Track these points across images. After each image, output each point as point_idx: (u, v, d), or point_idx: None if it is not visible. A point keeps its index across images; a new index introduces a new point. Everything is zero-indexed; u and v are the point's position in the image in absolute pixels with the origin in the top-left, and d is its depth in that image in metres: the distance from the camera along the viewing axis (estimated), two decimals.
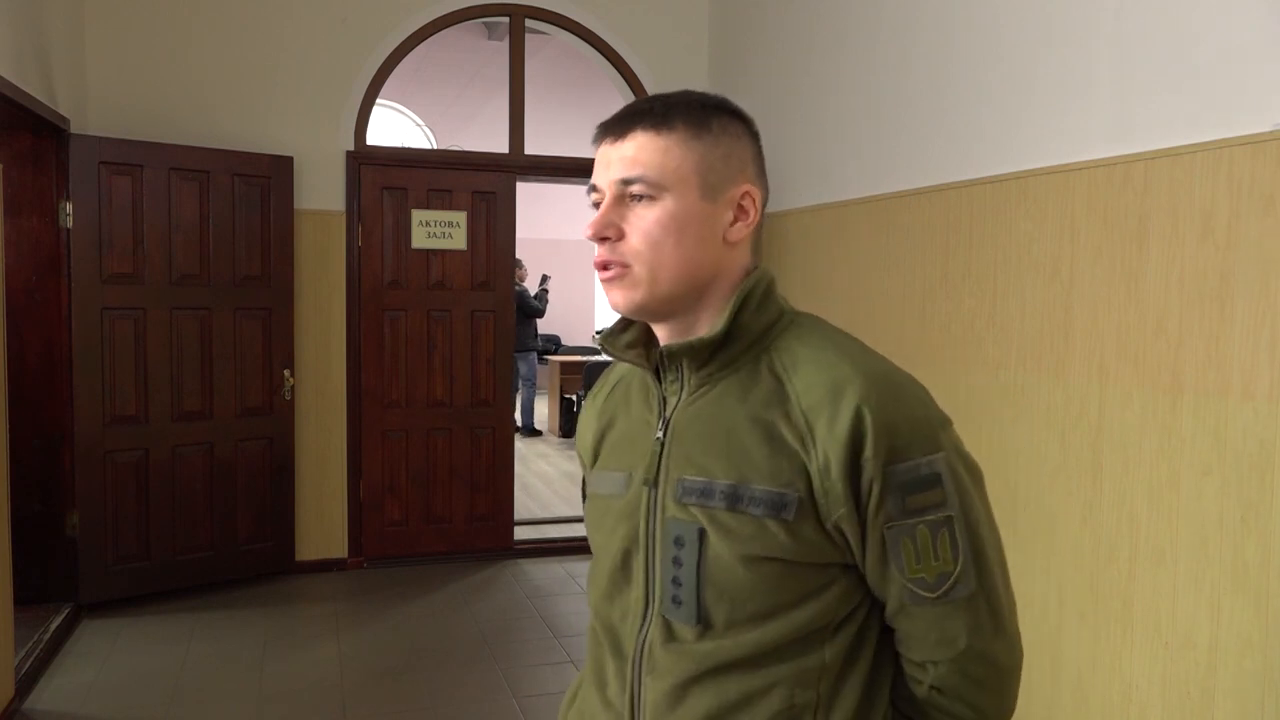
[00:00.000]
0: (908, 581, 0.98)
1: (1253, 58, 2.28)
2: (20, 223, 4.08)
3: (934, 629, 0.99)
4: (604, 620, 1.11)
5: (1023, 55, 3.03)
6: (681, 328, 1.07)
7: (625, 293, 1.03)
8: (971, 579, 0.98)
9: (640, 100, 1.07)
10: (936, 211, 3.42)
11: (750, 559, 0.99)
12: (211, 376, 4.55)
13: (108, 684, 3.55)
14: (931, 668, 1.00)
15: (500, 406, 5.25)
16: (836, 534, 0.99)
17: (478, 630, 4.17)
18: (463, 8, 4.98)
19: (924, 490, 0.97)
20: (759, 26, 4.81)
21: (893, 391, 0.99)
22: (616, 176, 1.03)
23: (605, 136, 1.06)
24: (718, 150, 1.04)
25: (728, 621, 1.00)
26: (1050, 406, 2.89)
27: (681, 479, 1.03)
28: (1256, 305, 2.26)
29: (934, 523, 0.97)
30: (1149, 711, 2.56)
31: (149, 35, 4.53)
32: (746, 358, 1.04)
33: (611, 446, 1.14)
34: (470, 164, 5.23)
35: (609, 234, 1.03)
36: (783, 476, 0.98)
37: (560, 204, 12.54)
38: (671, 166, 1.02)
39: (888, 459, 0.96)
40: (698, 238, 1.03)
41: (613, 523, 1.10)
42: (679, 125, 1.03)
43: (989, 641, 1.00)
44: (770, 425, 1.00)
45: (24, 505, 3.98)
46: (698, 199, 1.03)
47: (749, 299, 1.04)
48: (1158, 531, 2.53)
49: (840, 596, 1.01)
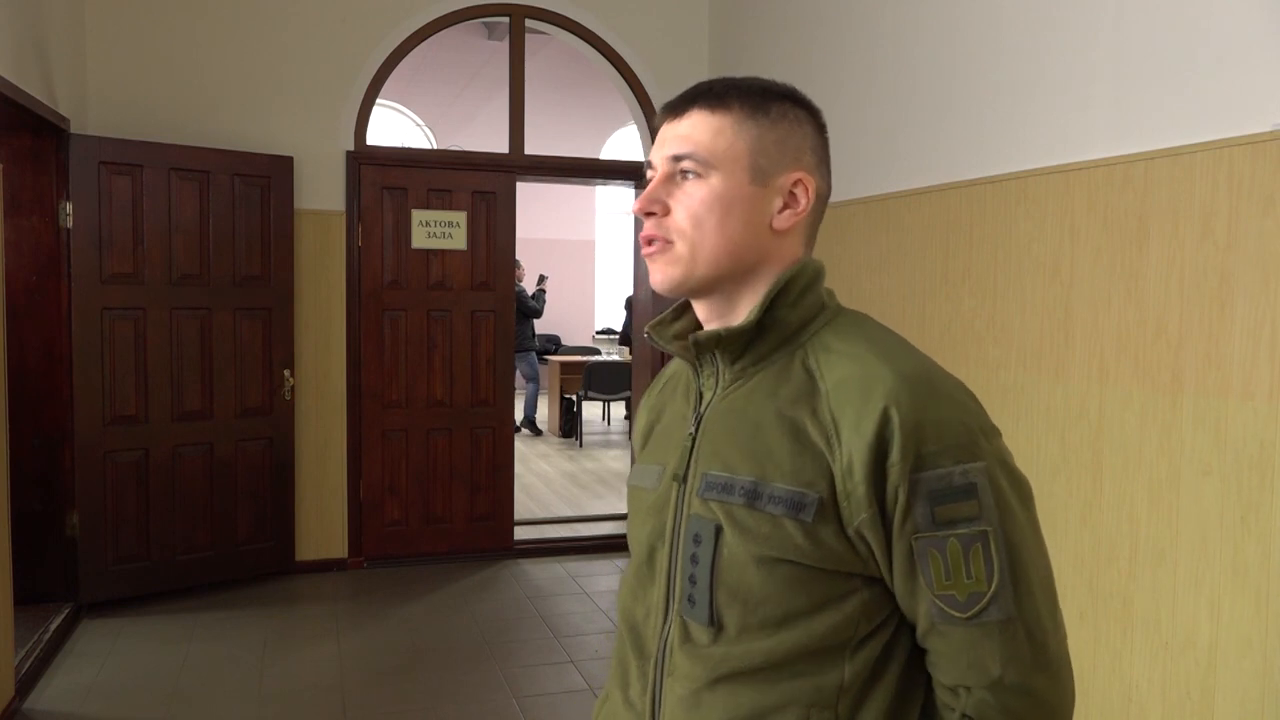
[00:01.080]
0: (936, 598, 0.91)
1: (1253, 58, 2.28)
2: (20, 223, 4.08)
3: (965, 652, 0.91)
4: (629, 619, 1.09)
5: (1023, 55, 3.03)
6: (719, 310, 1.05)
7: (664, 268, 1.02)
8: (1008, 602, 0.90)
9: (701, 82, 1.06)
10: (936, 211, 3.42)
11: (765, 560, 0.94)
12: (211, 376, 4.55)
13: (108, 684, 3.55)
14: (964, 693, 0.93)
15: (500, 406, 5.25)
16: (859, 541, 0.93)
17: (478, 630, 4.17)
18: (463, 8, 4.98)
19: (956, 501, 0.90)
20: (759, 27, 4.81)
21: (928, 393, 0.93)
22: (669, 153, 1.02)
23: (665, 115, 1.05)
24: (772, 135, 1.02)
25: (740, 625, 0.96)
26: (1050, 406, 2.89)
27: (706, 474, 1.00)
28: (1256, 305, 2.26)
29: (966, 537, 0.90)
30: (1149, 712, 2.56)
31: (149, 35, 4.53)
32: (782, 353, 1.01)
33: (655, 440, 1.13)
34: (470, 164, 5.23)
35: (654, 209, 1.02)
36: (804, 475, 0.94)
37: (560, 204, 12.54)
38: (723, 146, 1.00)
39: (916, 465, 0.90)
40: (742, 220, 1.01)
41: (643, 517, 1.08)
42: (735, 106, 1.01)
43: (1028, 674, 0.91)
44: (796, 422, 0.96)
45: (24, 505, 3.98)
46: (746, 181, 1.01)
47: (786, 291, 1.01)
48: (1158, 531, 2.53)
49: (861, 610, 0.95)
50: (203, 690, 3.53)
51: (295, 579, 4.79)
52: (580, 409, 9.01)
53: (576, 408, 9.07)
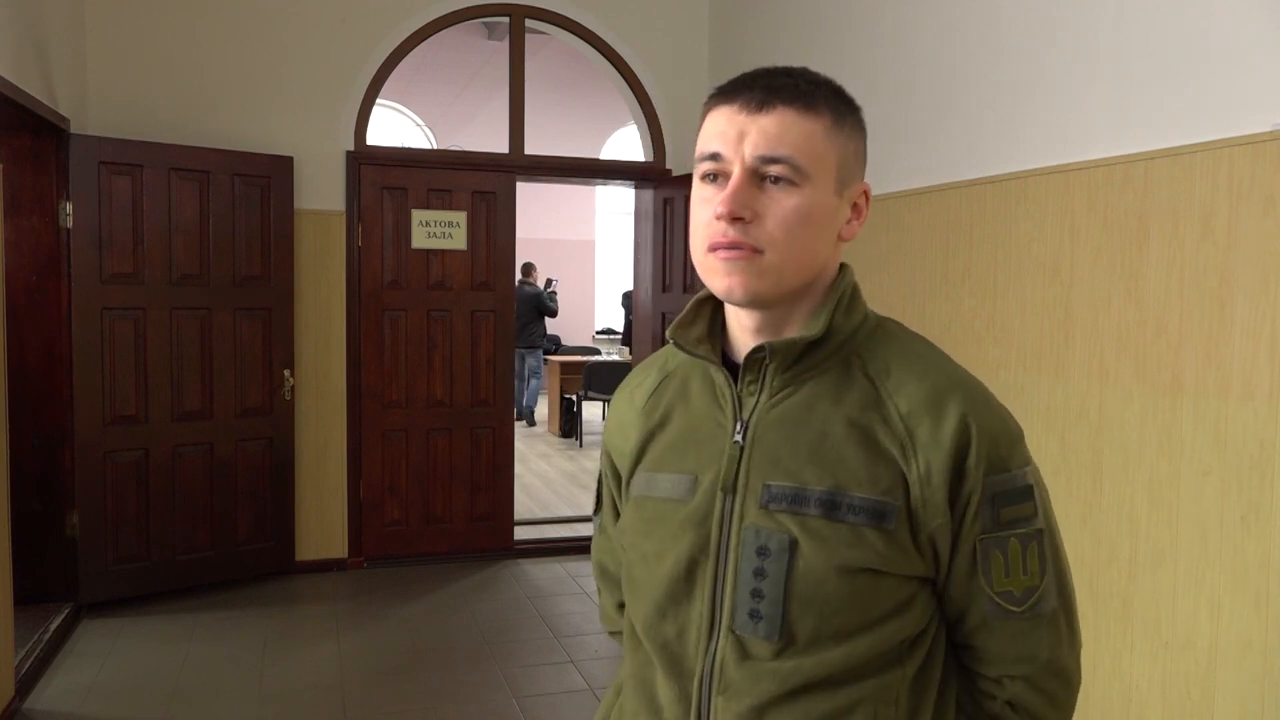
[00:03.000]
0: (994, 594, 0.96)
1: (1253, 58, 2.28)
2: (20, 223, 4.08)
3: (1015, 643, 0.97)
4: (656, 637, 1.02)
5: (1023, 55, 3.03)
6: (774, 320, 1.00)
7: (749, 279, 0.95)
8: (1053, 593, 0.97)
9: (775, 71, 0.98)
10: (936, 211, 3.42)
11: (846, 570, 0.93)
12: (211, 376, 4.55)
13: (108, 684, 3.55)
14: (1009, 683, 0.99)
15: (500, 406, 5.24)
16: (928, 546, 0.95)
17: (478, 630, 4.17)
18: (463, 8, 4.98)
19: (1019, 502, 0.95)
20: (759, 26, 4.81)
21: (987, 402, 0.98)
22: (758, 152, 0.94)
23: (737, 101, 0.96)
24: (852, 145, 0.99)
25: (813, 636, 0.94)
26: (1050, 406, 2.89)
27: (767, 485, 0.97)
28: (1256, 305, 2.26)
29: (1025, 536, 0.95)
30: (1149, 712, 2.56)
31: (149, 35, 4.53)
32: (834, 360, 1.00)
33: (668, 447, 1.06)
34: (470, 164, 5.23)
35: (745, 214, 0.93)
36: (882, 484, 0.94)
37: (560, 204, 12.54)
38: (818, 153, 0.95)
39: (989, 469, 0.94)
40: (825, 233, 0.98)
41: (674, 530, 1.01)
42: (825, 110, 0.96)
43: (1065, 655, 0.99)
44: (868, 430, 0.96)
45: (24, 505, 3.98)
46: (832, 193, 0.97)
47: (843, 299, 1.00)
48: (1158, 532, 2.53)
49: (920, 611, 0.98)
50: (203, 690, 3.53)
51: (295, 579, 4.79)
52: (580, 409, 9.01)
53: (576, 408, 9.07)
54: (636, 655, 1.06)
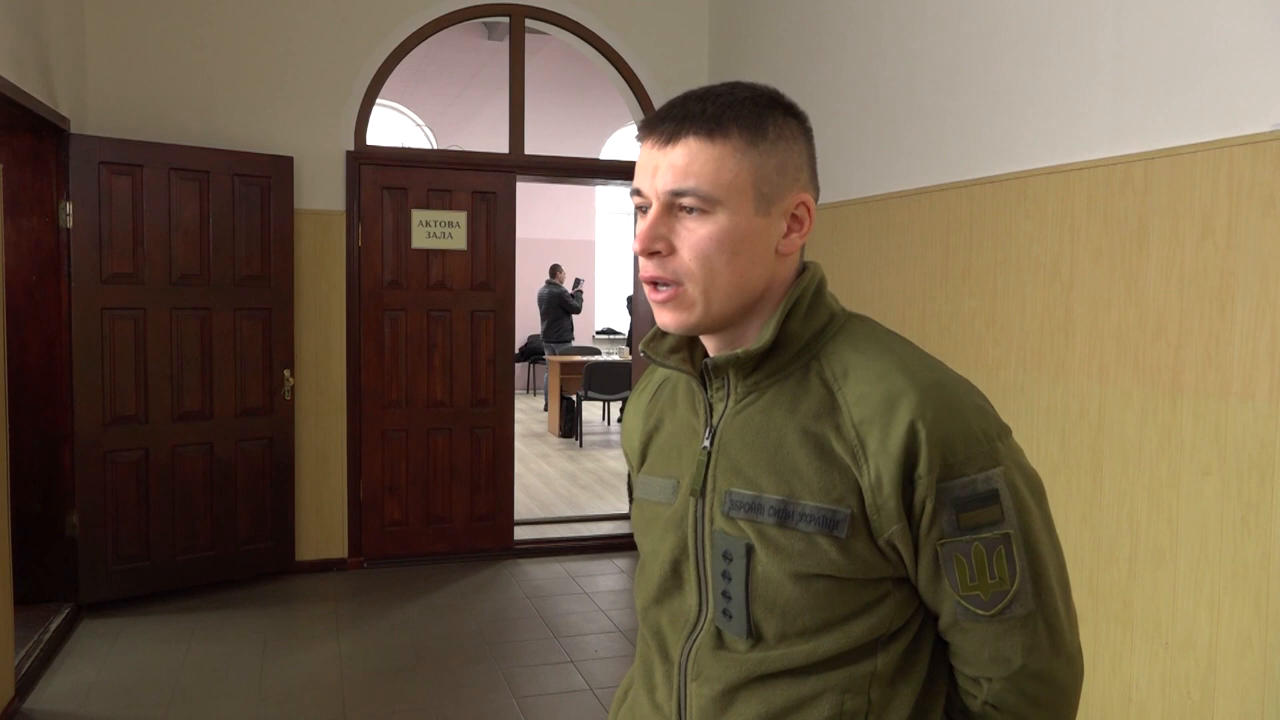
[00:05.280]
0: (960, 598, 0.94)
1: (1253, 58, 2.28)
2: (20, 223, 4.08)
3: (987, 646, 0.95)
4: (652, 625, 1.09)
5: (1024, 55, 3.03)
6: (730, 338, 1.03)
7: (677, 314, 0.98)
8: (1029, 598, 0.94)
9: (689, 98, 0.99)
10: (936, 211, 3.42)
11: (801, 576, 0.95)
12: (211, 376, 4.55)
13: (108, 684, 3.55)
14: (986, 684, 0.98)
15: (500, 406, 5.24)
16: (889, 549, 0.95)
17: (478, 630, 4.17)
18: (463, 8, 4.98)
19: (980, 507, 0.93)
20: (760, 26, 4.81)
21: (948, 403, 0.94)
22: (666, 187, 0.96)
23: (651, 137, 0.98)
24: (772, 160, 0.97)
25: (779, 634, 0.98)
26: (1050, 406, 2.89)
27: (729, 492, 0.99)
28: (1256, 305, 2.26)
29: (990, 540, 0.93)
30: (1149, 711, 2.56)
31: (149, 35, 4.53)
32: (795, 365, 1.00)
33: (659, 450, 1.11)
34: (470, 164, 5.23)
35: (659, 248, 0.97)
36: (834, 492, 0.94)
37: (560, 204, 12.54)
38: (726, 179, 0.95)
39: (942, 475, 0.92)
40: (751, 254, 0.97)
41: (660, 531, 1.07)
42: (733, 132, 0.96)
43: (1047, 661, 0.96)
44: (821, 438, 0.96)
45: (24, 505, 3.98)
46: (752, 213, 0.96)
47: (797, 306, 1.00)
48: (1158, 531, 2.53)
49: (895, 609, 0.98)
50: (203, 690, 3.53)
51: (295, 579, 4.79)
52: (580, 409, 9.01)
53: (576, 408, 9.07)
54: (642, 639, 1.13)
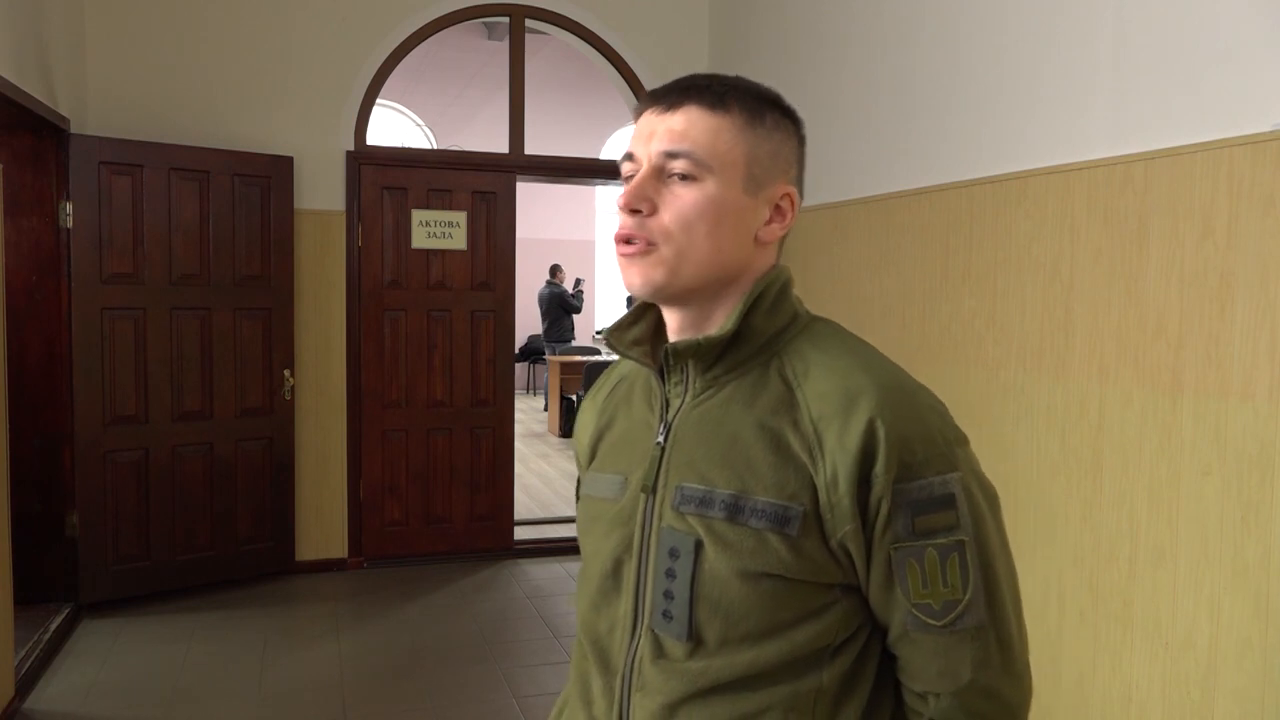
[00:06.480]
0: (912, 607, 0.92)
1: (1253, 58, 2.28)
2: (20, 223, 4.08)
3: (937, 659, 0.93)
4: (591, 633, 1.05)
5: (1023, 55, 3.03)
6: (694, 318, 1.01)
7: (645, 271, 0.97)
8: (981, 609, 0.92)
9: (696, 75, 1.00)
10: (936, 211, 3.42)
11: (748, 574, 0.93)
12: (211, 376, 4.55)
13: (108, 684, 3.55)
14: (933, 700, 0.94)
15: (500, 406, 5.24)
16: (841, 552, 0.93)
17: (478, 630, 4.17)
18: (463, 8, 4.98)
19: (936, 511, 0.91)
20: (760, 26, 4.81)
21: (909, 404, 0.93)
22: (661, 148, 0.96)
23: (653, 105, 0.99)
24: (768, 145, 0.99)
25: (721, 639, 0.95)
26: (1050, 406, 2.89)
27: (681, 486, 0.97)
28: (1256, 305, 2.26)
29: (944, 546, 0.91)
30: (1149, 711, 2.56)
31: (149, 35, 4.53)
32: (756, 361, 0.99)
33: (609, 447, 1.09)
34: (470, 164, 5.23)
35: (641, 206, 0.96)
36: (788, 488, 0.93)
37: (560, 204, 12.53)
38: (722, 149, 0.96)
39: (899, 476, 0.90)
40: (732, 230, 0.97)
41: (605, 528, 1.04)
42: (735, 109, 0.97)
43: (996, 677, 0.93)
44: (777, 434, 0.94)
45: (24, 505, 3.98)
46: (740, 190, 0.97)
47: (761, 299, 0.99)
48: (1158, 531, 2.53)
49: (841, 618, 0.95)
50: (203, 690, 3.53)
51: (295, 579, 4.79)
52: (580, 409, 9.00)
53: (577, 407, 9.07)
54: (579, 649, 1.09)
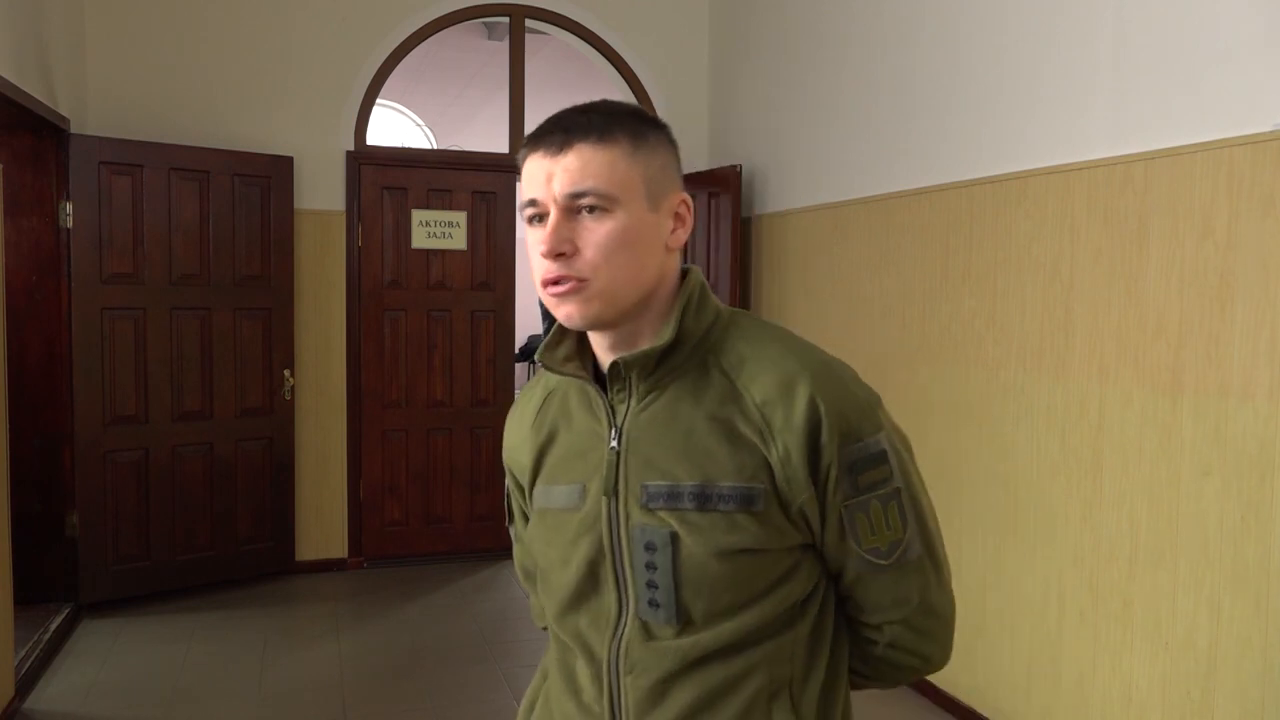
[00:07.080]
0: (864, 552, 1.05)
1: (1253, 58, 2.28)
2: (20, 223, 4.08)
3: (889, 592, 1.07)
4: (570, 630, 1.12)
5: (1023, 55, 3.03)
6: (625, 336, 1.08)
7: (582, 306, 1.03)
8: (918, 542, 1.07)
9: (570, 112, 1.07)
10: (936, 211, 3.42)
11: (724, 553, 1.02)
12: (211, 376, 4.55)
13: (108, 684, 3.55)
14: (888, 628, 1.09)
15: (500, 406, 5.24)
16: (799, 518, 1.04)
17: (478, 630, 4.17)
18: (463, 8, 4.98)
19: (873, 468, 1.03)
20: (760, 26, 4.81)
21: (836, 379, 1.05)
22: (565, 190, 1.02)
23: (539, 148, 1.05)
24: (656, 160, 1.06)
25: (707, 615, 1.04)
26: (1050, 406, 2.89)
27: (645, 485, 1.05)
28: (1256, 305, 2.26)
29: (884, 496, 1.04)
30: (1149, 711, 2.56)
31: (149, 35, 4.53)
32: (692, 360, 1.07)
33: (558, 460, 1.14)
34: (470, 164, 5.23)
35: (564, 249, 1.02)
36: (747, 471, 1.02)
37: None
38: (620, 178, 1.02)
39: (842, 441, 1.02)
40: (649, 248, 1.05)
41: (572, 536, 1.10)
42: (620, 138, 1.03)
43: (935, 595, 1.10)
44: (728, 423, 1.04)
45: (24, 505, 3.97)
46: (646, 210, 1.04)
47: (689, 305, 1.07)
48: (1158, 531, 2.53)
49: (806, 575, 1.07)
50: (203, 690, 3.53)
51: (295, 579, 4.79)
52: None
53: None
54: (558, 642, 1.16)
